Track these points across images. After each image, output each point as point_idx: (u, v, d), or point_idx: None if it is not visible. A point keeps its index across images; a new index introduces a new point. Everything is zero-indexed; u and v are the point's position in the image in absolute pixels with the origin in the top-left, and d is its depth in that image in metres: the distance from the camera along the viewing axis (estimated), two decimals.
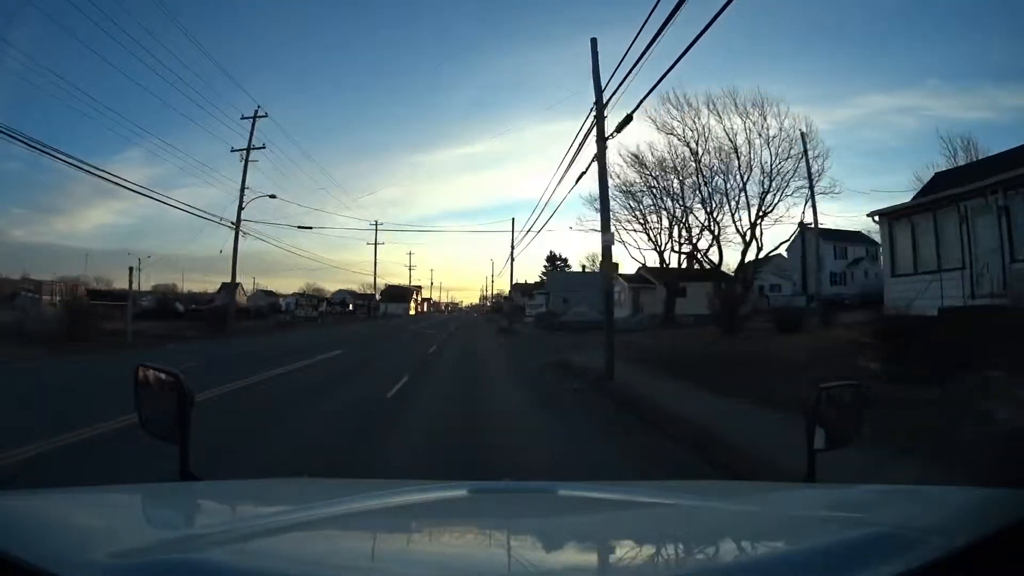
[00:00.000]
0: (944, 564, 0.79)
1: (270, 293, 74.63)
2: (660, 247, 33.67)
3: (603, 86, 11.49)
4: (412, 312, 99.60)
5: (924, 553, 0.81)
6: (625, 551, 1.09)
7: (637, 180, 31.07)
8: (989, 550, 0.83)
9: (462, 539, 1.22)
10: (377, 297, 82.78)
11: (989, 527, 0.87)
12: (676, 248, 33.19)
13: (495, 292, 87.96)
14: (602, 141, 11.78)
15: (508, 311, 58.25)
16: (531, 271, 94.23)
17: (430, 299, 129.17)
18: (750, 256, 28.41)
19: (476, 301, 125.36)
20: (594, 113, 11.78)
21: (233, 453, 5.41)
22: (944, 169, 24.31)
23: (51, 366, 13.75)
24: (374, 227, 56.94)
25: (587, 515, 1.32)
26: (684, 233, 31.22)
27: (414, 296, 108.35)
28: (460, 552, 1.12)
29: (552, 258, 74.93)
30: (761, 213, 27.69)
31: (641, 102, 11.01)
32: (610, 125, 11.51)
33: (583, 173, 14.08)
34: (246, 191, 29.61)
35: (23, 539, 0.88)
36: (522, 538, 1.17)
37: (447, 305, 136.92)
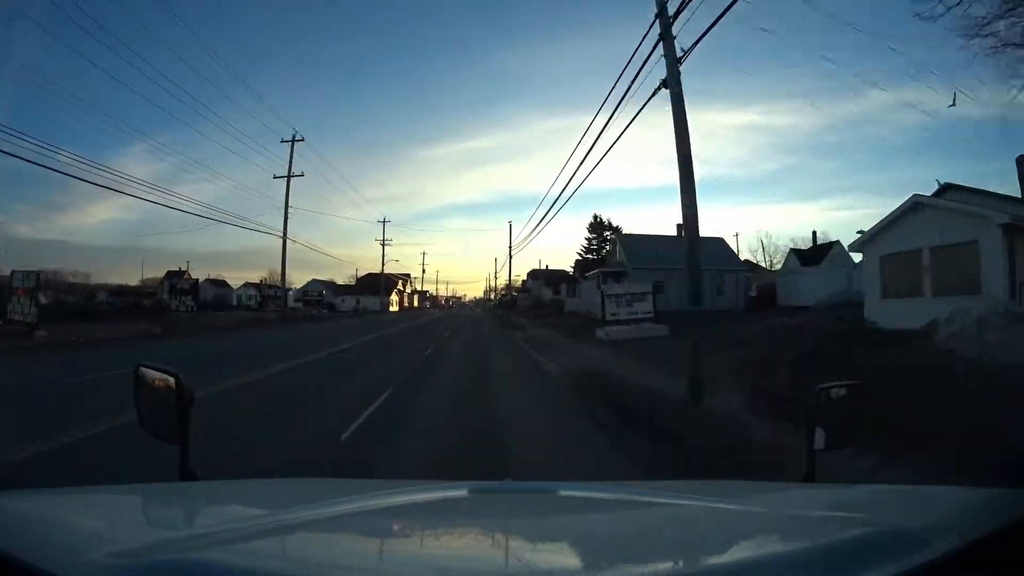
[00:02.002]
0: (944, 564, 0.79)
1: (222, 283, 64.89)
2: None
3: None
4: (395, 308, 76.22)
5: (924, 553, 0.81)
6: (625, 551, 1.09)
7: None
8: (989, 550, 0.83)
9: (462, 539, 1.22)
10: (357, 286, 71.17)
11: (989, 527, 0.87)
12: None
13: (506, 282, 72.54)
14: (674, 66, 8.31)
15: (526, 305, 49.33)
16: (544, 261, 78.77)
17: (424, 292, 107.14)
18: None
19: (480, 295, 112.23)
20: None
21: None
22: None
23: None
24: (291, 141, 33.12)
25: (587, 515, 1.32)
26: None
27: (400, 286, 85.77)
28: (460, 552, 1.11)
29: (598, 225, 54.39)
30: None
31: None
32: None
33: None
34: None
35: (23, 539, 0.88)
36: (522, 538, 1.17)
37: (448, 299, 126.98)
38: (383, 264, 62.53)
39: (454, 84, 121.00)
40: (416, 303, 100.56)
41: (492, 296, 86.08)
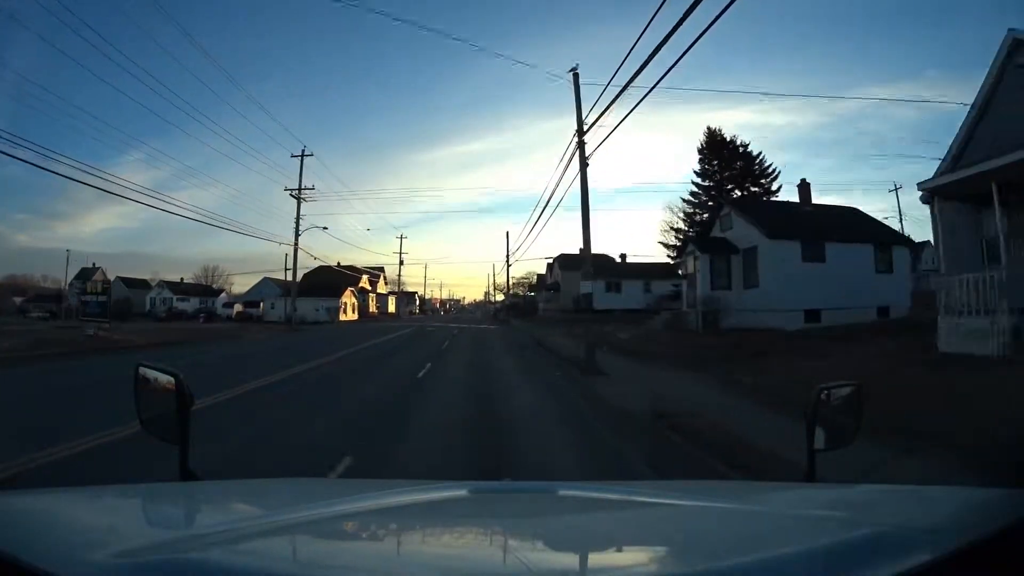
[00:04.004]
0: (944, 564, 0.79)
1: (137, 283, 55.91)
2: None
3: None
4: (348, 316, 52.18)
5: (924, 553, 0.81)
6: (625, 551, 1.09)
7: None
8: (989, 550, 0.83)
9: (462, 539, 1.22)
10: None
11: (989, 527, 0.87)
12: None
13: (511, 280, 58.31)
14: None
15: (554, 308, 31.69)
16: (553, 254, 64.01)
17: (410, 293, 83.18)
18: None
19: (481, 297, 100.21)
20: None
21: None
22: None
23: None
24: None
25: (587, 515, 1.32)
26: None
27: (365, 284, 62.32)
28: (460, 552, 1.11)
29: (720, 145, 33.30)
30: None
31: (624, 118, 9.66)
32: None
33: None
34: None
35: (23, 539, 0.88)
36: (522, 538, 1.17)
37: (445, 303, 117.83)
38: (297, 235, 33.80)
39: (448, 87, 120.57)
40: (393, 307, 71.59)
41: (504, 295, 62.29)
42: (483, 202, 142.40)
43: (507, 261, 53.50)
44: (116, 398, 3.40)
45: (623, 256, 47.61)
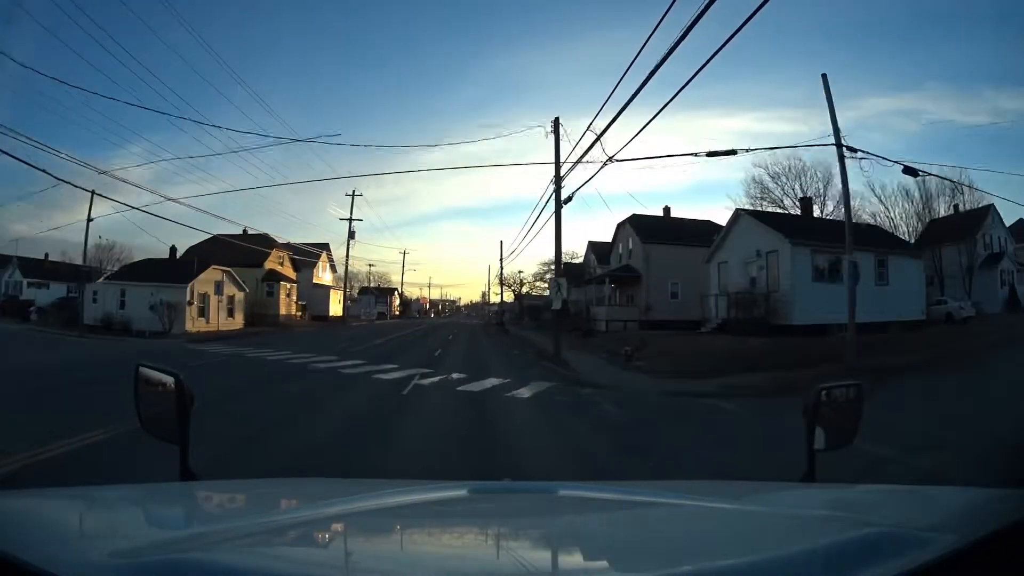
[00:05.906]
0: (944, 564, 0.80)
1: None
2: None
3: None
4: (225, 321, 28.07)
5: (924, 553, 0.81)
6: (625, 551, 1.09)
7: None
8: (989, 550, 0.83)
9: (462, 539, 1.22)
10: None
11: (989, 527, 0.88)
12: None
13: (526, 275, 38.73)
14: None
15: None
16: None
17: (381, 289, 61.66)
18: None
19: (478, 298, 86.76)
20: None
21: None
22: None
23: None
24: None
25: (587, 515, 1.33)
26: None
27: (277, 263, 36.95)
28: (460, 552, 1.11)
29: None
30: None
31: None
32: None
33: None
34: None
35: (23, 539, 0.88)
36: (522, 538, 1.17)
37: (437, 304, 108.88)
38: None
39: (448, 89, 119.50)
40: (337, 307, 44.05)
41: (554, 278, 17.24)
42: (481, 204, 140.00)
43: (557, 197, 16.79)
44: None
45: (806, 201, 25.01)
